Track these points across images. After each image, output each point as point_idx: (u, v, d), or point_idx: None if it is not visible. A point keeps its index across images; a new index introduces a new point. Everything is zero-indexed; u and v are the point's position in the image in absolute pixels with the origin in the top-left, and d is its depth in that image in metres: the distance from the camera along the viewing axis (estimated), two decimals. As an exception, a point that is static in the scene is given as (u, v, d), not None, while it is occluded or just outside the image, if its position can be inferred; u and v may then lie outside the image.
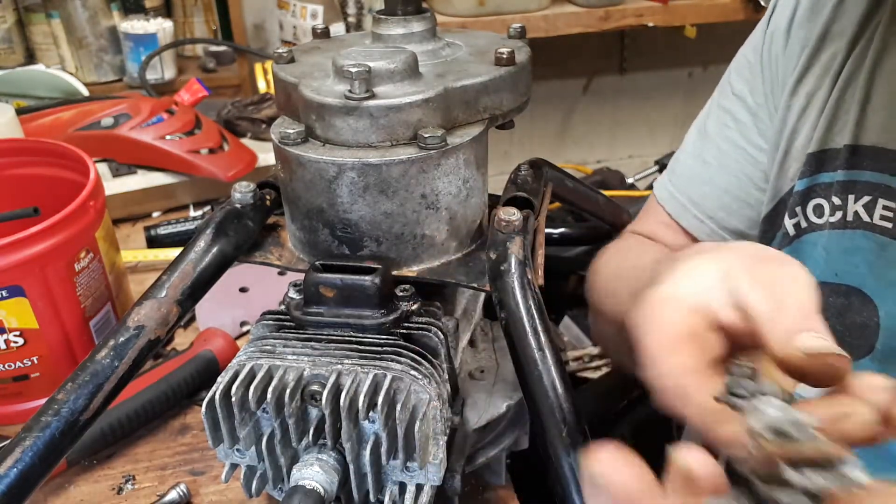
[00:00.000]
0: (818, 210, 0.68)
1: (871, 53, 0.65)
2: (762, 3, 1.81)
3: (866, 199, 0.64)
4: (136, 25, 1.69)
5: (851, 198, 0.65)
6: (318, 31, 0.63)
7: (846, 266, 0.65)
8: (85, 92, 1.37)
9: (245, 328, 0.89)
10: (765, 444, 0.26)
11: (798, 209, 0.69)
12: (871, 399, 0.30)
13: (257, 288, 0.92)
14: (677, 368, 0.35)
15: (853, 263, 0.65)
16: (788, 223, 0.70)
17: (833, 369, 0.31)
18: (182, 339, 0.87)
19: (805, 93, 0.69)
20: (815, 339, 0.31)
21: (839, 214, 0.66)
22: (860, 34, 0.66)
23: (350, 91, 0.48)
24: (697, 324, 0.36)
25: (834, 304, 0.66)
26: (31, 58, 1.75)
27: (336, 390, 0.45)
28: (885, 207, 0.63)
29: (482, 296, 0.65)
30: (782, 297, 0.34)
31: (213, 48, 1.88)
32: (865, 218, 0.64)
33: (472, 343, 0.67)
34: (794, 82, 0.70)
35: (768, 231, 0.73)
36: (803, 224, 0.69)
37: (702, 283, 0.38)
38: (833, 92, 0.67)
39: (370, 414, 0.45)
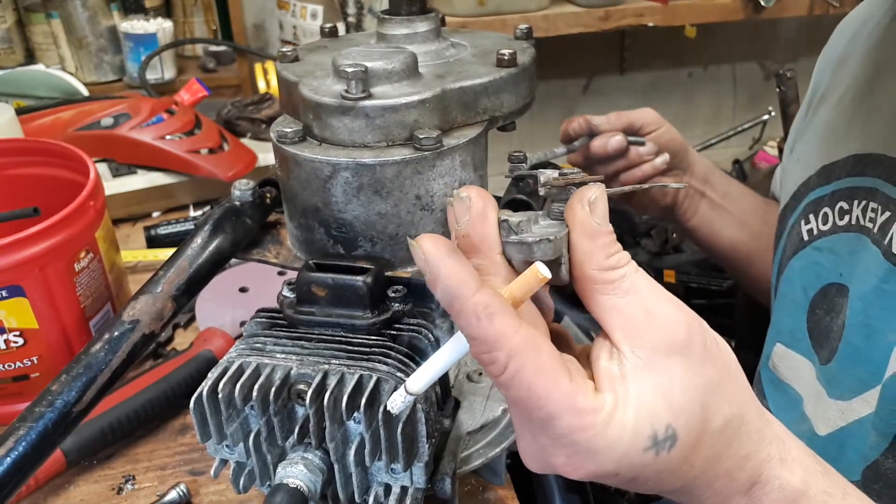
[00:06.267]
0: (825, 218, 0.71)
1: (871, 72, 0.69)
2: (762, 3, 1.81)
3: (864, 202, 0.66)
4: (135, 25, 1.69)
5: (856, 202, 0.67)
6: (326, 30, 0.63)
7: (849, 267, 0.66)
8: (85, 92, 1.37)
9: (244, 328, 0.89)
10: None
11: (811, 216, 0.72)
12: None
13: (257, 288, 0.92)
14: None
15: (852, 264, 0.66)
16: (803, 229, 0.73)
17: None
18: (182, 339, 0.87)
19: (821, 108, 0.75)
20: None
21: (847, 218, 0.68)
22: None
23: (346, 91, 0.48)
24: None
25: (837, 304, 0.67)
26: (31, 58, 1.75)
27: (321, 390, 0.46)
28: (871, 209, 0.65)
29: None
30: None
31: (213, 48, 1.88)
32: (861, 221, 0.66)
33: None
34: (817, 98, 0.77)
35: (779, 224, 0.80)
36: (815, 231, 0.72)
37: None
38: (840, 108, 0.72)
39: (355, 415, 0.46)
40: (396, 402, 0.39)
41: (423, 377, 0.38)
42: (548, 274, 0.35)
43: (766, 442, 0.39)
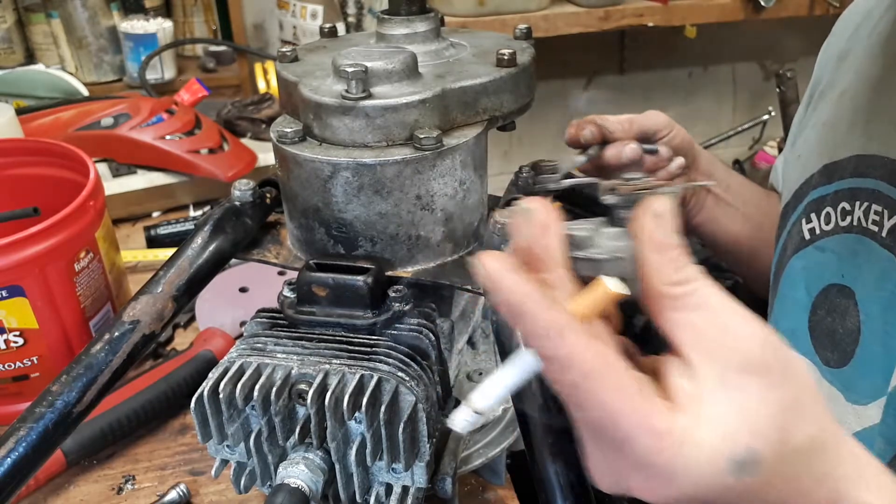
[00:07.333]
0: (827, 217, 0.70)
1: (875, 69, 0.68)
2: (762, 3, 1.81)
3: (865, 204, 0.66)
4: (135, 25, 1.69)
5: (857, 203, 0.67)
6: (326, 30, 0.63)
7: (851, 269, 0.66)
8: (85, 92, 1.37)
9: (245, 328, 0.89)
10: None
11: (813, 215, 0.72)
12: None
13: (257, 288, 0.92)
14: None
15: (855, 265, 0.66)
16: (805, 228, 0.73)
17: None
18: (182, 339, 0.87)
19: (821, 105, 0.75)
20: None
21: (849, 219, 0.68)
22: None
23: (346, 91, 0.48)
24: None
25: (839, 305, 0.67)
26: (31, 58, 1.75)
27: (322, 390, 0.46)
28: (875, 212, 0.64)
29: (482, 298, 0.65)
30: None
31: (213, 48, 1.88)
32: (864, 223, 0.66)
33: (472, 345, 0.67)
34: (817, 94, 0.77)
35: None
36: (817, 230, 0.71)
37: None
38: (842, 105, 0.72)
39: (356, 414, 0.46)
40: (460, 420, 0.36)
41: (490, 393, 0.36)
42: (618, 289, 0.34)
43: (842, 460, 0.38)
